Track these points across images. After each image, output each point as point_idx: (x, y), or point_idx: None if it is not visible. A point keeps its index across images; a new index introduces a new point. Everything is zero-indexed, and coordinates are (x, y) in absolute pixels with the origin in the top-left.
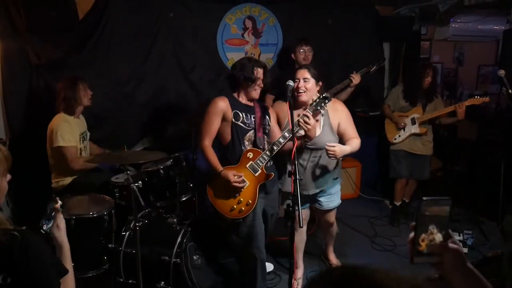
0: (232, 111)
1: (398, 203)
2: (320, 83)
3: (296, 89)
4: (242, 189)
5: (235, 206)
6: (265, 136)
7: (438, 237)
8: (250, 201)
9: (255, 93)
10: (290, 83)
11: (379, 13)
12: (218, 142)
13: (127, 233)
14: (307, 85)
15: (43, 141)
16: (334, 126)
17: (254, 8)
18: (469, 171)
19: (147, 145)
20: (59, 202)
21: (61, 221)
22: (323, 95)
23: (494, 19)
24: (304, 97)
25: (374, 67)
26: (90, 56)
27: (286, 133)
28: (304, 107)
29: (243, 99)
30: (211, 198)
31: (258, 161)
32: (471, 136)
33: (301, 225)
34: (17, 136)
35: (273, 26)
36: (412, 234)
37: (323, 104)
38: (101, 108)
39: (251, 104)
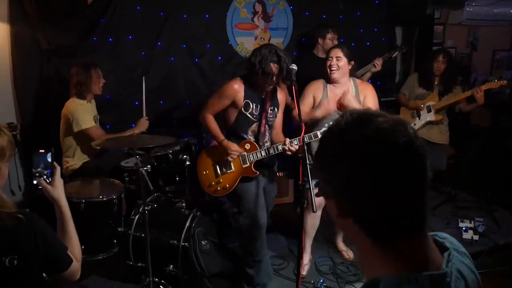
0: (244, 100)
1: None
2: (353, 62)
3: (329, 66)
4: (227, 171)
5: (213, 183)
6: (268, 129)
7: None
8: (227, 186)
9: (268, 87)
10: (294, 67)
11: None
12: (222, 121)
13: (136, 217)
14: (340, 63)
15: (54, 126)
16: (361, 99)
17: None
18: (482, 158)
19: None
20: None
21: (59, 179)
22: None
23: (509, 2)
24: (336, 75)
25: (397, 52)
26: (99, 41)
27: (288, 141)
28: (335, 84)
29: (257, 86)
30: (198, 167)
31: (251, 155)
32: (484, 123)
33: (315, 210)
34: (28, 121)
35: (283, 10)
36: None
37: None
38: (110, 93)
39: (264, 95)
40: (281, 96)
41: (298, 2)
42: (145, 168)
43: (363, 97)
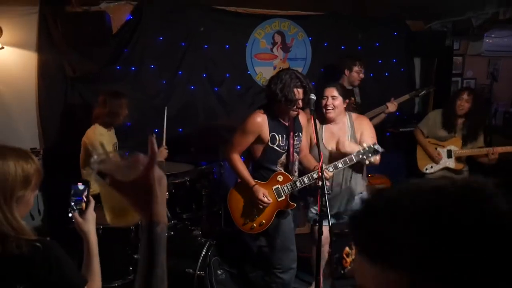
0: (269, 133)
1: None
2: (347, 100)
3: (325, 106)
4: (262, 210)
5: (248, 221)
6: (297, 157)
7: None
8: (263, 222)
9: (294, 113)
10: (312, 97)
11: (410, 28)
12: (249, 155)
13: None
14: (335, 103)
15: (76, 152)
16: (358, 137)
17: (284, 23)
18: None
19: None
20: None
21: (91, 213)
22: (374, 146)
23: None
24: (332, 114)
25: (423, 92)
26: (122, 69)
27: (314, 174)
28: (328, 124)
29: (280, 116)
30: (229, 204)
31: (285, 187)
32: None
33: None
34: (51, 146)
35: (302, 41)
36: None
37: (370, 155)
38: (131, 120)
39: (287, 123)
40: (302, 118)
41: (316, 32)
42: None
43: (360, 133)
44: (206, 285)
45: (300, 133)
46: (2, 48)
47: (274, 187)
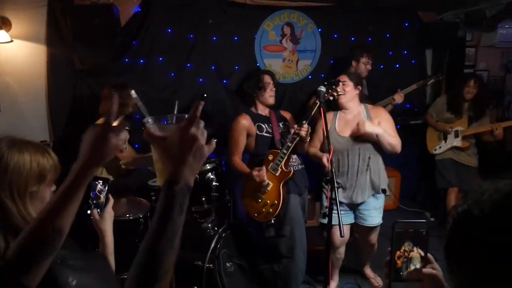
0: (255, 125)
1: None
2: (360, 87)
3: (336, 91)
4: (266, 190)
5: (263, 210)
6: (282, 139)
7: (416, 256)
8: (275, 202)
9: (271, 98)
10: (322, 89)
11: (422, 19)
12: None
13: None
14: (346, 88)
15: None
16: (376, 124)
17: (293, 14)
18: None
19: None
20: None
21: (110, 211)
22: (332, 80)
23: None
24: (343, 99)
25: (430, 81)
26: (131, 62)
27: (295, 127)
28: (345, 110)
29: (260, 110)
30: (244, 204)
31: (277, 161)
32: None
33: (343, 235)
34: (60, 140)
35: (311, 33)
36: (388, 258)
37: (332, 87)
38: (140, 112)
39: (268, 114)
40: (285, 114)
41: (326, 24)
42: None
43: (377, 122)
44: (215, 277)
45: (285, 122)
46: (12, 41)
47: (269, 166)
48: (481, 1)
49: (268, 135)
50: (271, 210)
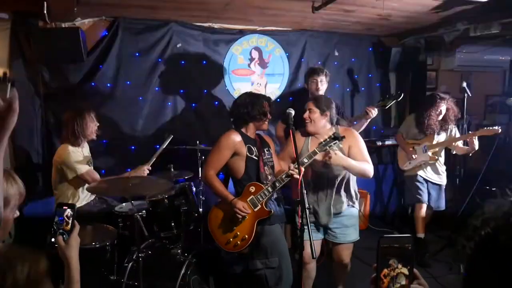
0: (245, 145)
1: (421, 235)
2: (327, 113)
3: (303, 119)
4: (240, 222)
5: (231, 240)
6: (269, 170)
7: (402, 272)
8: (246, 236)
9: (266, 125)
10: (290, 111)
11: (385, 44)
12: (228, 173)
13: (130, 264)
14: (312, 116)
15: (49, 170)
16: (345, 150)
17: (261, 39)
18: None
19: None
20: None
21: (75, 238)
22: (334, 134)
23: (499, 49)
24: (310, 128)
25: (391, 101)
26: (98, 86)
27: (290, 171)
28: (313, 136)
29: (250, 133)
30: (211, 227)
31: (259, 196)
32: (480, 166)
33: (314, 256)
34: (23, 165)
35: (279, 57)
36: (374, 275)
37: (332, 144)
38: (106, 138)
39: (255, 137)
40: (266, 137)
41: (293, 49)
42: (139, 213)
43: (348, 146)
44: None
45: (269, 148)
46: None
47: (249, 199)
48: (439, 28)
49: (256, 158)
50: (239, 243)
